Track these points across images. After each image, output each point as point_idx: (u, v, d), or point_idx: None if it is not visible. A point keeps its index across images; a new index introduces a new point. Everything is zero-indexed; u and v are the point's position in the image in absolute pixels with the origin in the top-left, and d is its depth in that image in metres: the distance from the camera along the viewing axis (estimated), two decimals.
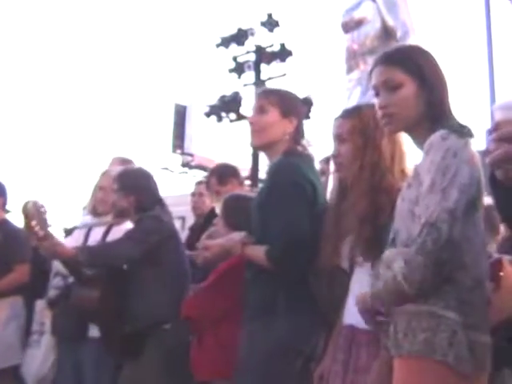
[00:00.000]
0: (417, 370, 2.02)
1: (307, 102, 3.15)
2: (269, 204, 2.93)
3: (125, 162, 5.00)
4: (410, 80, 2.20)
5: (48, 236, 3.53)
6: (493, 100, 10.86)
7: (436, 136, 2.07)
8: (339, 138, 2.66)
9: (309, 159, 3.14)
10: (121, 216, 4.09)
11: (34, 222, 3.52)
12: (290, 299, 2.86)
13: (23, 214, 3.55)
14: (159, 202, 4.07)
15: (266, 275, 2.90)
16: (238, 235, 3.08)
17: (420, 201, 2.07)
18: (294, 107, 3.14)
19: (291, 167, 2.97)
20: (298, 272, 2.82)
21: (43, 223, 3.53)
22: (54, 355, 4.36)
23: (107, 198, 4.28)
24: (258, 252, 2.92)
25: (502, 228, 4.31)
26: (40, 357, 4.46)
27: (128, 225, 4.12)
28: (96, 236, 4.25)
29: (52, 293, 4.23)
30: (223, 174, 4.75)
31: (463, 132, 2.09)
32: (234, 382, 2.97)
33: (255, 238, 3.01)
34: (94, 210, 4.46)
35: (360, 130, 2.58)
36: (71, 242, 4.17)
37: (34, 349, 4.56)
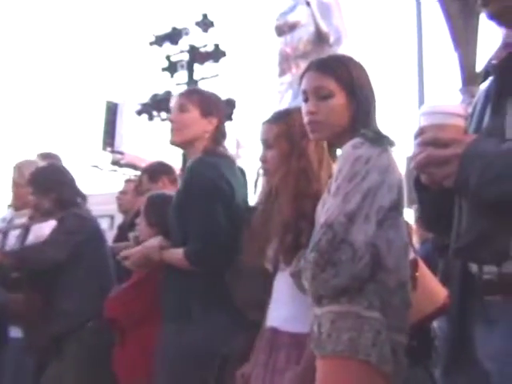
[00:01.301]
0: (340, 369, 2.04)
1: (230, 104, 3.16)
2: (186, 203, 2.94)
3: (49, 157, 4.92)
4: (340, 91, 2.24)
5: None
6: (422, 105, 11.08)
7: (347, 145, 2.13)
8: (266, 144, 2.66)
9: (229, 160, 3.16)
10: (46, 216, 3.99)
11: None
12: (205, 302, 2.87)
13: None
14: (79, 194, 4.02)
15: (181, 278, 2.90)
16: (155, 240, 3.08)
17: (323, 205, 2.13)
18: (215, 108, 3.17)
19: (208, 166, 2.98)
20: (216, 270, 2.83)
21: None
22: None
23: (20, 192, 4.22)
24: (177, 255, 2.93)
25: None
26: None
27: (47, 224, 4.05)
28: (15, 233, 4.16)
29: None
30: (155, 171, 4.74)
31: (379, 140, 2.14)
32: None
33: (173, 238, 3.01)
34: (14, 205, 4.40)
35: (286, 135, 2.58)
36: None
37: None
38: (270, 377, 2.43)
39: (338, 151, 2.28)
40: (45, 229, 3.95)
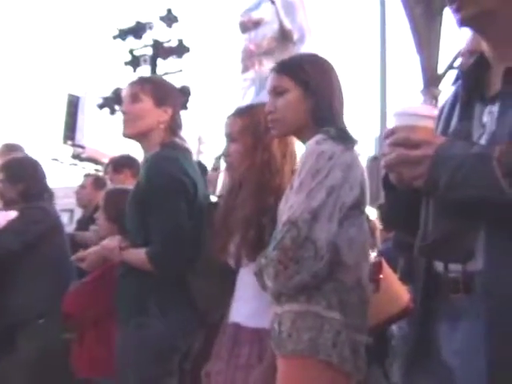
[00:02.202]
0: (301, 369, 2.05)
1: (185, 92, 3.12)
2: (147, 201, 2.81)
3: (14, 148, 4.87)
4: (294, 87, 2.29)
5: None
6: (383, 105, 11.17)
7: (311, 141, 2.15)
8: (230, 137, 2.66)
9: (187, 153, 3.04)
10: (8, 206, 3.92)
11: None
12: (161, 301, 2.80)
13: None
14: (47, 190, 3.96)
15: (137, 275, 2.83)
16: (113, 240, 3.00)
17: (286, 201, 2.13)
18: (169, 96, 3.03)
19: (169, 161, 2.85)
20: (179, 269, 2.77)
21: None
22: None
23: None
24: (138, 255, 2.83)
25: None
26: None
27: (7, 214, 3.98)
28: None
29: None
30: (118, 163, 4.79)
31: (342, 137, 2.17)
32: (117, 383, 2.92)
33: (132, 236, 2.92)
34: None
35: (250, 129, 2.58)
36: None
37: None
38: (232, 373, 2.42)
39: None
40: (1, 218, 3.87)
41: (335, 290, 2.06)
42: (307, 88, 2.28)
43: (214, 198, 3.20)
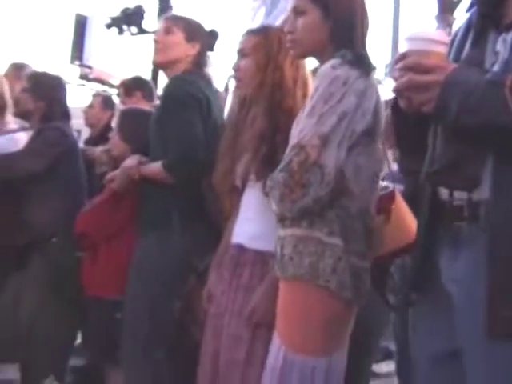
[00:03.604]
0: (301, 293, 2.08)
1: (213, 35, 3.12)
2: (164, 117, 2.99)
3: (22, 68, 4.81)
4: (313, 8, 2.24)
5: None
6: (396, 31, 10.99)
7: (326, 65, 2.11)
8: (241, 53, 2.65)
9: (208, 80, 3.22)
10: (22, 118, 3.95)
11: None
12: (184, 215, 2.93)
13: None
14: (67, 112, 3.94)
15: (159, 190, 2.96)
16: (132, 159, 3.11)
17: (297, 124, 2.12)
18: (199, 34, 3.25)
19: (185, 80, 3.07)
20: (193, 182, 2.90)
21: None
22: None
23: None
24: (155, 168, 2.98)
25: None
26: None
27: (20, 135, 3.96)
28: None
29: None
30: (130, 86, 4.80)
31: (359, 62, 2.12)
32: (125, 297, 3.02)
33: (155, 154, 3.03)
34: None
35: (264, 47, 2.57)
36: None
37: None
38: (233, 294, 2.45)
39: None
40: (16, 140, 3.86)
41: (338, 216, 2.06)
42: (326, 9, 2.23)
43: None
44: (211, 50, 3.32)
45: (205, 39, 3.29)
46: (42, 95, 3.81)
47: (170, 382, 2.98)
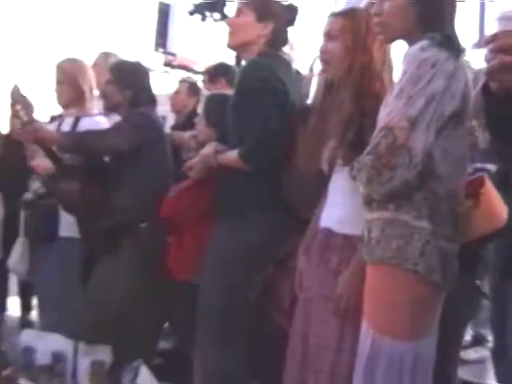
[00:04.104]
0: (388, 277, 2.07)
1: (291, 10, 3.05)
2: (239, 103, 2.95)
3: (111, 57, 4.91)
4: None
5: (32, 121, 3.48)
6: (482, 10, 10.68)
7: (414, 47, 2.07)
8: (328, 35, 2.61)
9: (284, 62, 3.13)
10: (112, 109, 4.00)
11: (18, 107, 3.46)
12: (259, 202, 2.91)
13: (10, 98, 3.49)
14: (153, 100, 3.99)
15: (235, 176, 2.94)
16: (209, 147, 3.10)
17: (385, 107, 2.09)
18: (272, 12, 3.13)
19: (261, 65, 2.99)
20: (268, 168, 2.85)
21: (28, 108, 3.47)
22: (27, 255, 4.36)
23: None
24: (231, 156, 2.95)
25: None
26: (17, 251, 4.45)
27: (101, 118, 4.05)
28: (65, 127, 4.08)
29: (28, 195, 4.19)
30: (213, 72, 4.79)
31: (448, 44, 2.08)
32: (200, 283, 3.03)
33: (231, 141, 3.02)
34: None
35: (352, 29, 2.54)
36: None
37: None
38: (321, 279, 2.46)
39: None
40: (92, 121, 3.94)
41: (426, 199, 2.04)
42: None
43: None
44: (290, 25, 3.22)
45: (280, 17, 3.17)
46: (128, 84, 3.86)
47: (247, 367, 2.99)
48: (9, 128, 4.60)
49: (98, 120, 4.01)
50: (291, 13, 3.17)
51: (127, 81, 3.88)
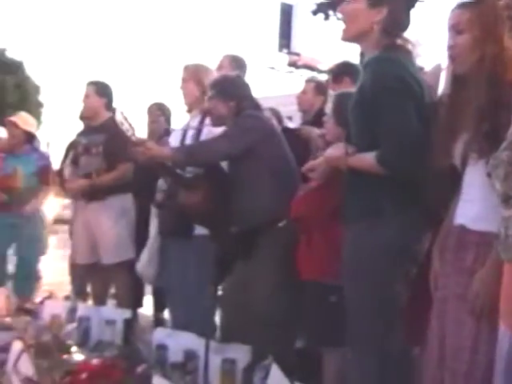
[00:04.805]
0: None
1: None
2: (372, 103, 2.79)
3: (239, 62, 5.00)
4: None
5: (142, 141, 3.61)
6: None
7: None
8: (455, 29, 2.51)
9: (409, 55, 2.95)
10: (219, 123, 4.04)
11: (125, 128, 3.59)
12: (396, 201, 2.81)
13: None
14: (258, 107, 4.03)
15: (369, 179, 2.83)
16: (337, 148, 3.03)
17: None
18: None
19: (392, 62, 2.83)
20: (412, 173, 2.72)
21: (132, 129, 3.61)
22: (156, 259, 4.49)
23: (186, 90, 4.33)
24: (366, 160, 2.84)
25: None
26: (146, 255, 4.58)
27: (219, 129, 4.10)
28: (190, 134, 4.25)
29: (159, 196, 4.32)
30: (337, 72, 4.75)
31: None
32: (344, 286, 2.96)
33: (354, 140, 2.93)
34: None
35: (480, 20, 2.43)
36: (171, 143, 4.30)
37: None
38: (457, 277, 2.40)
39: None
40: (216, 131, 4.01)
41: None
42: None
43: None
44: (411, 7, 3.04)
45: (395, 1, 2.94)
46: (230, 95, 3.94)
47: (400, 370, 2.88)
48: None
49: (216, 130, 4.07)
50: None
51: (230, 92, 3.95)
